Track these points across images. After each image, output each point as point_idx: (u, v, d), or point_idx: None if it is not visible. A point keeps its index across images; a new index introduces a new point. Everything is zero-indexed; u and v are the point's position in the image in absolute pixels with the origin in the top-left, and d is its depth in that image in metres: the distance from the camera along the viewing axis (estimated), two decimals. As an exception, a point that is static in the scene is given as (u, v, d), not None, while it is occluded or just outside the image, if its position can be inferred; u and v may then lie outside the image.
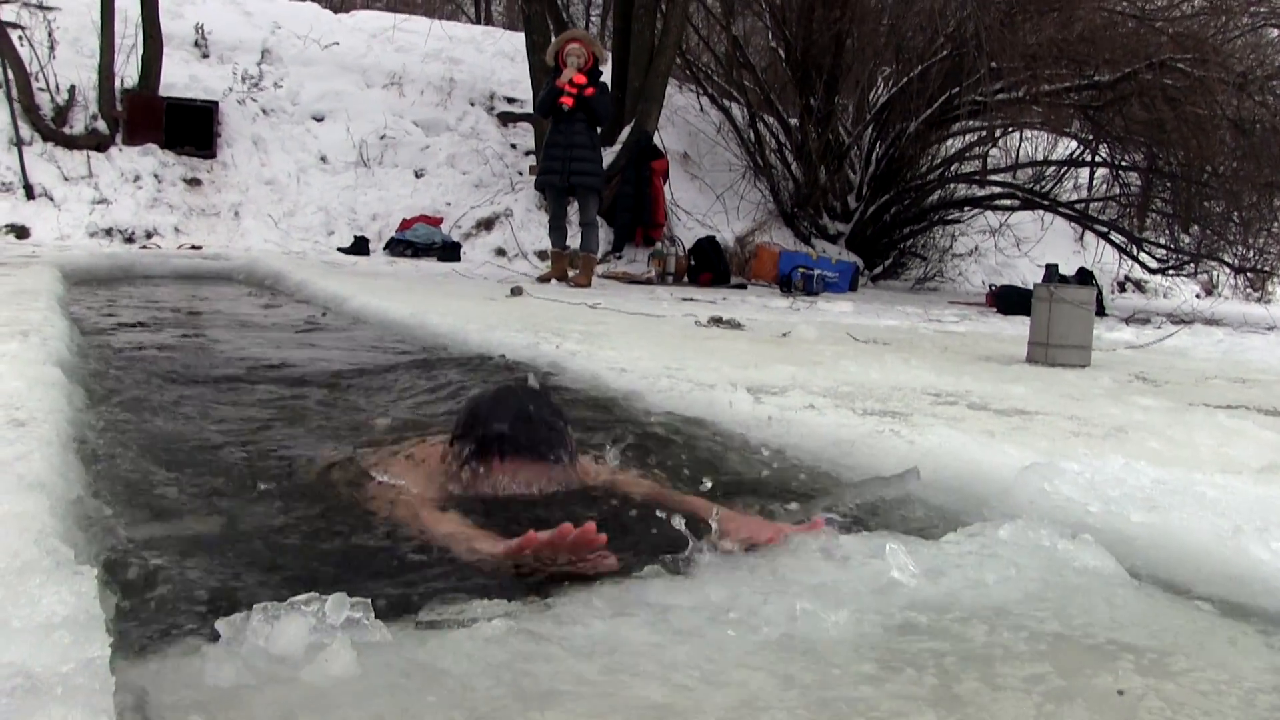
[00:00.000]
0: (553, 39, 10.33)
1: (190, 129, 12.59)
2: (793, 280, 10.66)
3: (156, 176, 12.08)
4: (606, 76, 10.04)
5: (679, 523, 1.54)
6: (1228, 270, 13.49)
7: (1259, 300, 15.90)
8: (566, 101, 8.55)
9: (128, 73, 12.53)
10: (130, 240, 11.17)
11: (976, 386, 3.67)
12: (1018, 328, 7.49)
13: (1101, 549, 1.63)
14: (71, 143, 11.88)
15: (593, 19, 18.35)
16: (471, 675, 1.08)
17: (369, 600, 1.17)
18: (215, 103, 13.00)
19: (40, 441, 1.82)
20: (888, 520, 1.92)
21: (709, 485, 2.01)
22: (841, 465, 2.10)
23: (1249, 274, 13.99)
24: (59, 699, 0.86)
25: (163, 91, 12.54)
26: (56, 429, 1.98)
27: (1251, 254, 13.03)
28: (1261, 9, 12.32)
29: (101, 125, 12.16)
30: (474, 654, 1.14)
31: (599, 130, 9.19)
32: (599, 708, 1.05)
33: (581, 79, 8.60)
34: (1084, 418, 2.99)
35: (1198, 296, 15.24)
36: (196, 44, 13.99)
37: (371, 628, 1.14)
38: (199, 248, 10.77)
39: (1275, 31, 12.84)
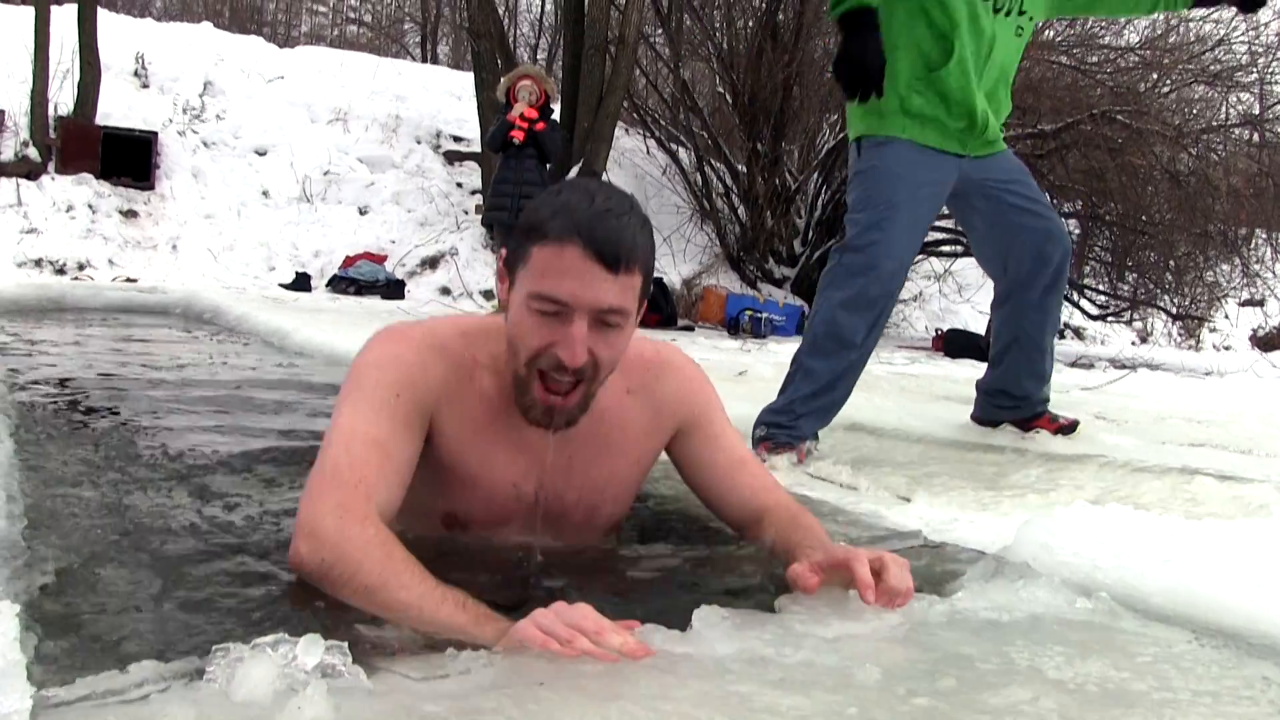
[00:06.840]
0: (501, 77, 10.27)
1: (128, 159, 12.25)
2: (740, 323, 10.63)
3: (91, 207, 11.72)
4: (556, 116, 9.98)
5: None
6: (1165, 317, 13.77)
7: (1191, 348, 16.27)
8: (517, 135, 8.47)
9: (62, 99, 12.20)
10: (61, 272, 10.80)
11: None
12: (968, 371, 7.54)
13: (1120, 606, 1.55)
14: None
15: (539, 59, 18.38)
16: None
17: (345, 644, 1.02)
18: (154, 133, 12.70)
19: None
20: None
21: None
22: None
23: (1183, 321, 14.32)
24: (-27, 763, 0.70)
25: (100, 120, 12.23)
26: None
27: (1187, 302, 13.35)
28: (1191, 66, 12.75)
29: (33, 152, 11.80)
30: (463, 701, 1.00)
31: (549, 167, 9.11)
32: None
33: (533, 113, 8.54)
34: (1063, 454, 2.93)
35: (1133, 344, 15.55)
36: (136, 73, 13.71)
37: (349, 674, 0.99)
38: (134, 280, 10.44)
39: (1203, 87, 13.28)
